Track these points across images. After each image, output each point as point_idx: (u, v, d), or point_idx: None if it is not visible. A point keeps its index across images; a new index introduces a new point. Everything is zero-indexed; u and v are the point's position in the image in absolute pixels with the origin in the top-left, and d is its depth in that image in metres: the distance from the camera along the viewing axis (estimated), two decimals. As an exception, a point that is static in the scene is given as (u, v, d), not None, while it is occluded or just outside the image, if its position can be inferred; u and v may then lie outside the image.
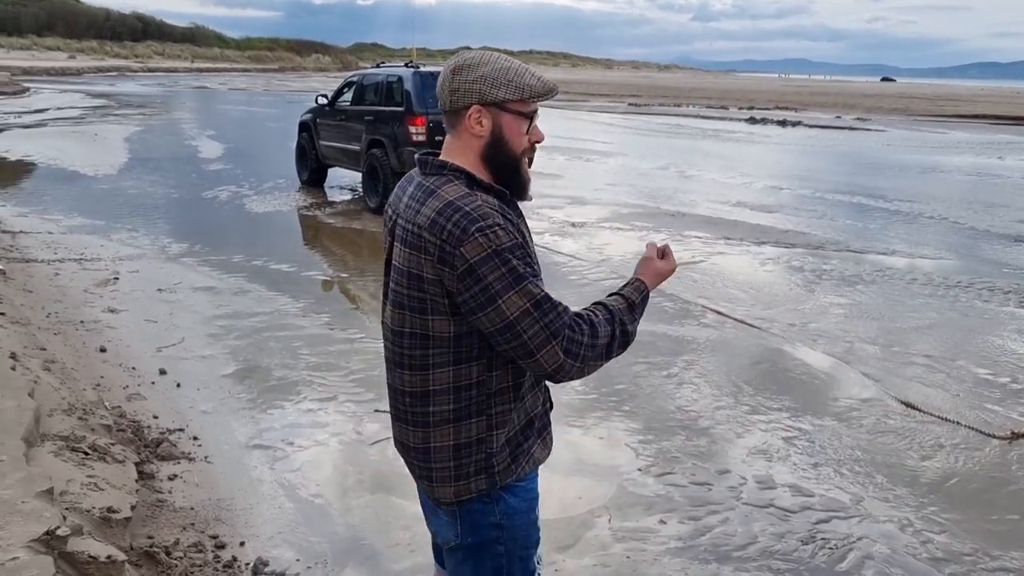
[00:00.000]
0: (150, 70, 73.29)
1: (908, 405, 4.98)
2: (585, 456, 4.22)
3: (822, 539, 3.52)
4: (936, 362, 5.76)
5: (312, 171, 12.97)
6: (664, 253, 1.99)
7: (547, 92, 1.72)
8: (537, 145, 1.81)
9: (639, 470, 4.09)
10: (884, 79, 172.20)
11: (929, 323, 6.65)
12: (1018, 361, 5.82)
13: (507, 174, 1.75)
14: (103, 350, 5.37)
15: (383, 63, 13.50)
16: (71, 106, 28.56)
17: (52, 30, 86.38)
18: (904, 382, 5.36)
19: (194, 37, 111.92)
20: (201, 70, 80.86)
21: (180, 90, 45.40)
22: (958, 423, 4.72)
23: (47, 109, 26.66)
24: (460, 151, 1.74)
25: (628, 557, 3.35)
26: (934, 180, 16.03)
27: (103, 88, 42.12)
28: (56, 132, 19.90)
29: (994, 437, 4.56)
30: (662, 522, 3.63)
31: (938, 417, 4.81)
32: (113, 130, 20.76)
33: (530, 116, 1.74)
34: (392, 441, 1.94)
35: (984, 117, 37.64)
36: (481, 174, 1.73)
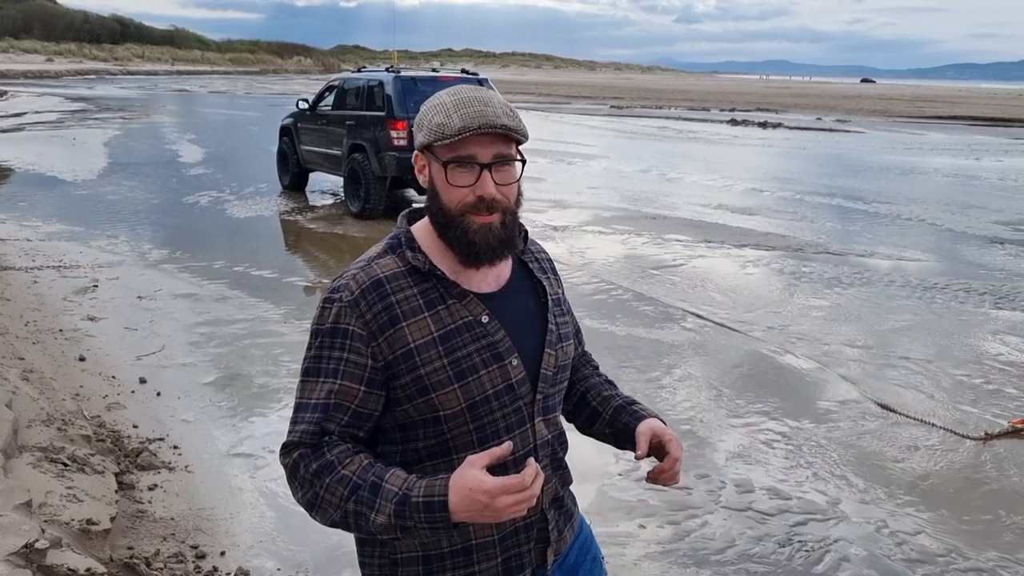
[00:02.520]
0: (129, 73, 72.84)
1: (885, 407, 5.04)
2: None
3: (799, 541, 3.56)
4: (913, 364, 5.83)
5: (293, 176, 12.95)
6: (524, 479, 1.30)
7: (459, 131, 1.36)
8: (489, 198, 1.40)
9: (619, 475, 4.12)
10: (864, 80, 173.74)
11: (907, 325, 6.73)
12: (993, 362, 5.91)
13: (442, 232, 1.44)
14: (82, 359, 5.34)
15: (364, 67, 13.52)
16: (49, 110, 28.34)
17: (29, 32, 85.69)
18: (881, 384, 5.43)
19: (174, 39, 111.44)
20: (181, 72, 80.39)
21: (160, 93, 45.13)
22: (933, 424, 4.79)
23: (24, 113, 26.43)
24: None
25: (608, 562, 3.36)
26: (913, 182, 16.20)
27: (82, 91, 41.80)
28: (34, 136, 19.74)
29: (968, 438, 4.63)
30: (642, 527, 3.66)
31: (914, 419, 4.87)
32: (92, 134, 20.61)
33: (464, 162, 1.39)
34: None
35: (961, 118, 38.08)
36: (431, 232, 1.47)
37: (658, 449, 1.61)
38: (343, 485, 1.36)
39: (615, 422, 1.69)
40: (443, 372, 1.40)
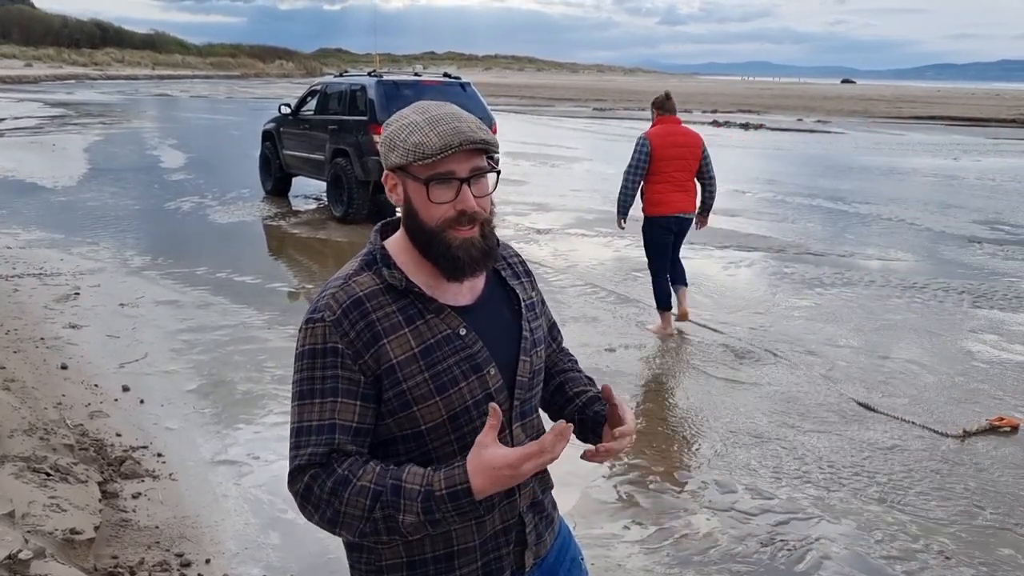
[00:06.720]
0: (109, 77, 72.26)
1: (865, 406, 5.10)
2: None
3: (781, 541, 3.60)
4: (893, 363, 5.90)
5: (276, 181, 12.91)
6: (541, 448, 1.33)
7: (440, 150, 1.38)
8: (471, 212, 1.44)
9: (603, 477, 4.14)
10: (844, 81, 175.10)
11: (886, 324, 6.80)
12: (971, 360, 5.99)
13: (424, 250, 1.47)
14: (64, 367, 5.31)
15: (347, 71, 13.51)
16: (28, 115, 28.07)
17: (7, 37, 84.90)
18: (862, 383, 5.49)
19: (154, 44, 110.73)
20: (162, 77, 79.89)
21: (141, 98, 44.80)
22: (913, 423, 4.84)
23: (3, 119, 26.14)
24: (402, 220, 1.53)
25: (592, 564, 3.39)
26: (892, 182, 16.36)
27: (61, 96, 41.42)
28: (13, 143, 19.55)
29: (947, 436, 4.69)
30: (626, 528, 3.69)
31: (894, 417, 4.93)
32: (72, 140, 20.45)
33: (444, 179, 1.42)
34: None
35: (940, 118, 38.48)
36: (406, 247, 1.50)
37: (612, 419, 1.59)
38: (364, 496, 1.37)
39: (586, 410, 1.71)
40: (425, 386, 1.43)
